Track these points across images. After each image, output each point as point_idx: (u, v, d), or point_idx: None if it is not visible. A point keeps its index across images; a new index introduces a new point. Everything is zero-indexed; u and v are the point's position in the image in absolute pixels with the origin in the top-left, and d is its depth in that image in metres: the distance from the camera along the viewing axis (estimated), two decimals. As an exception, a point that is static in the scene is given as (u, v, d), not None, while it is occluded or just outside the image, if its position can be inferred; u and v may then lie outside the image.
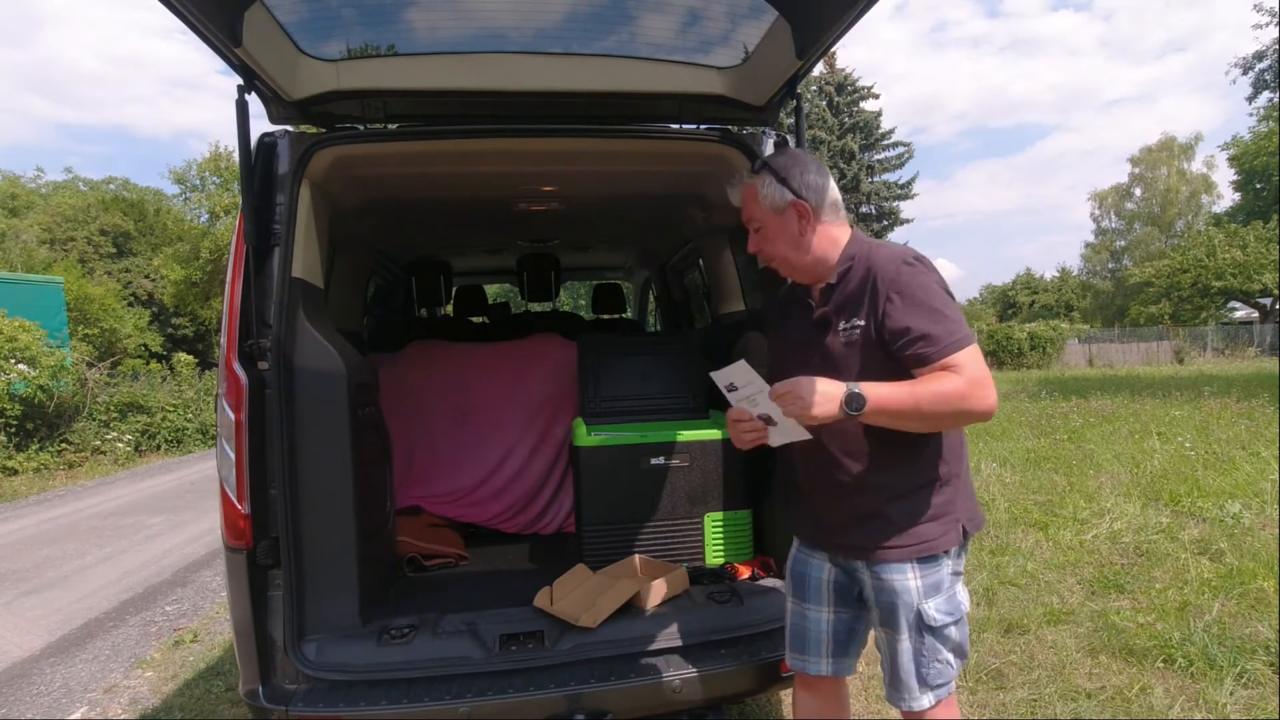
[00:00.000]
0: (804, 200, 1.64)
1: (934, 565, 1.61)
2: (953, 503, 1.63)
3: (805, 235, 1.66)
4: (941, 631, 1.63)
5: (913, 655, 1.64)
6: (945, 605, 1.62)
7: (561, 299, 11.63)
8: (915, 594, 1.61)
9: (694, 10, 2.12)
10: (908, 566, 1.61)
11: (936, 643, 1.63)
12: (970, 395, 1.46)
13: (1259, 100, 25.84)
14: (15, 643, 4.06)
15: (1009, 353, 28.24)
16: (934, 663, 1.63)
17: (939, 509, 1.61)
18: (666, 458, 2.60)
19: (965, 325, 1.53)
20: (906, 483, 1.61)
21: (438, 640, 2.07)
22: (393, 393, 3.23)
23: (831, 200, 1.68)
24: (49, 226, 30.87)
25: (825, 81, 34.14)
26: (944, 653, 1.64)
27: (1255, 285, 31.17)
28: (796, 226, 1.66)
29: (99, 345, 21.79)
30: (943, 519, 1.61)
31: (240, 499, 1.93)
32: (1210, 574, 3.85)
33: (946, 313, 1.52)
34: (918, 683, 1.64)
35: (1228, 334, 31.53)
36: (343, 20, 2.09)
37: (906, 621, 1.62)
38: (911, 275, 1.56)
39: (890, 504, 1.61)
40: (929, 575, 1.61)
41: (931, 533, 1.60)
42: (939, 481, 1.61)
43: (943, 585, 1.62)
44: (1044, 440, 8.43)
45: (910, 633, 1.63)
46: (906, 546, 1.60)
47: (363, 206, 2.85)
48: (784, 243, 1.68)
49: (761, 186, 1.68)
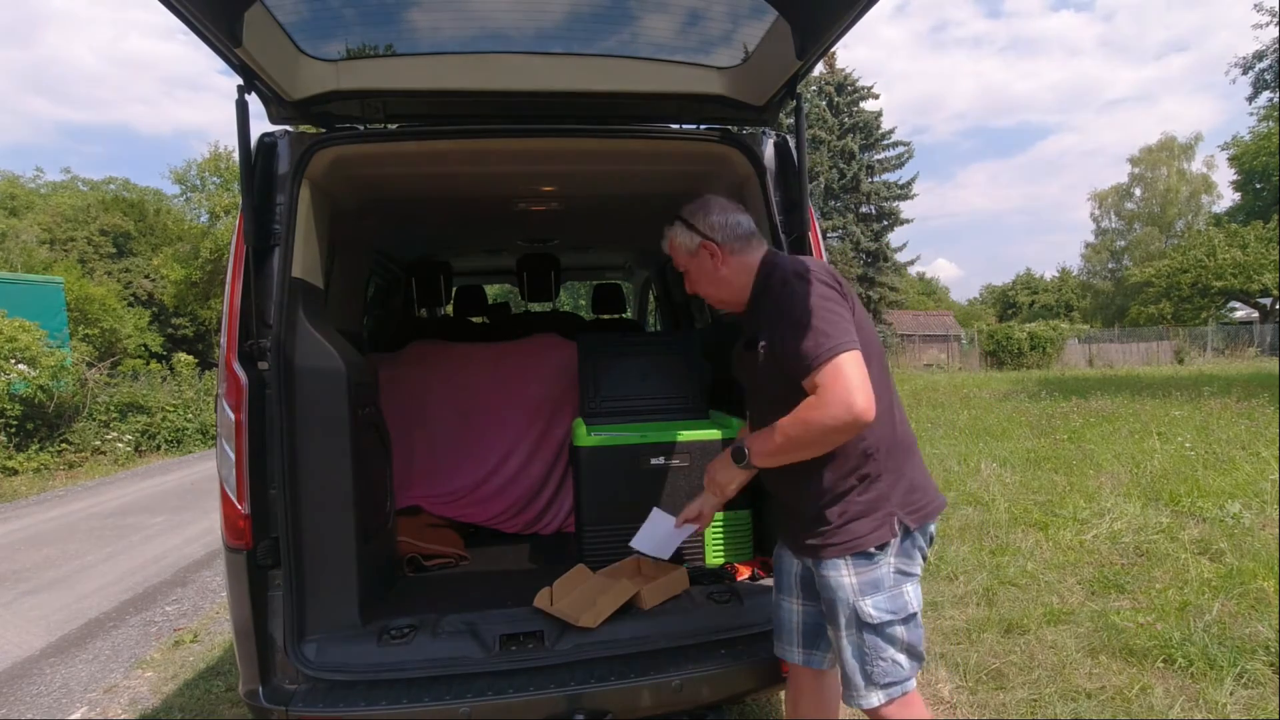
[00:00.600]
0: (710, 239, 1.79)
1: (869, 562, 1.65)
2: (885, 498, 1.66)
3: (719, 270, 1.80)
4: (884, 630, 1.65)
5: (854, 652, 1.67)
6: (887, 603, 1.65)
7: (561, 299, 11.64)
8: (850, 590, 1.65)
9: (694, 10, 2.12)
10: (841, 563, 1.66)
11: (879, 640, 1.65)
12: (829, 418, 1.50)
13: (1259, 100, 25.86)
14: (15, 643, 4.06)
15: (1009, 353, 28.26)
16: (878, 660, 1.66)
17: (869, 505, 1.65)
18: (666, 458, 2.60)
19: (836, 335, 1.53)
20: (831, 484, 1.66)
21: (438, 640, 2.06)
22: (393, 393, 3.23)
23: (739, 233, 1.81)
24: (49, 226, 30.87)
25: (825, 81, 34.12)
26: (889, 651, 1.65)
27: (1255, 285, 31.18)
28: (710, 264, 1.80)
29: (99, 345, 21.77)
30: (873, 515, 1.65)
31: (240, 499, 1.93)
32: (1210, 574, 3.85)
33: (817, 325, 1.55)
34: (863, 680, 1.67)
35: (1228, 334, 31.53)
36: (343, 20, 2.09)
37: (846, 618, 1.67)
38: (789, 290, 1.63)
39: (826, 506, 1.67)
40: (864, 572, 1.65)
41: (861, 529, 1.64)
42: (869, 479, 1.66)
43: (882, 583, 1.65)
44: (1044, 440, 8.43)
45: (851, 630, 1.67)
46: (838, 544, 1.66)
47: (363, 206, 2.85)
48: (705, 281, 1.84)
49: (675, 235, 1.85)
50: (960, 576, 4.11)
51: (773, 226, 2.35)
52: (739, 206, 1.87)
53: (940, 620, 3.58)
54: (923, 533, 1.71)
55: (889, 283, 34.75)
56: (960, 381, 19.82)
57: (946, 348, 32.97)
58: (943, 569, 4.23)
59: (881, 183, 34.50)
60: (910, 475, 1.71)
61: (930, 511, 1.71)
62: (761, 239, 1.86)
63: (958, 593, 3.89)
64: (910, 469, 1.71)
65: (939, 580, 4.12)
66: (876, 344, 1.73)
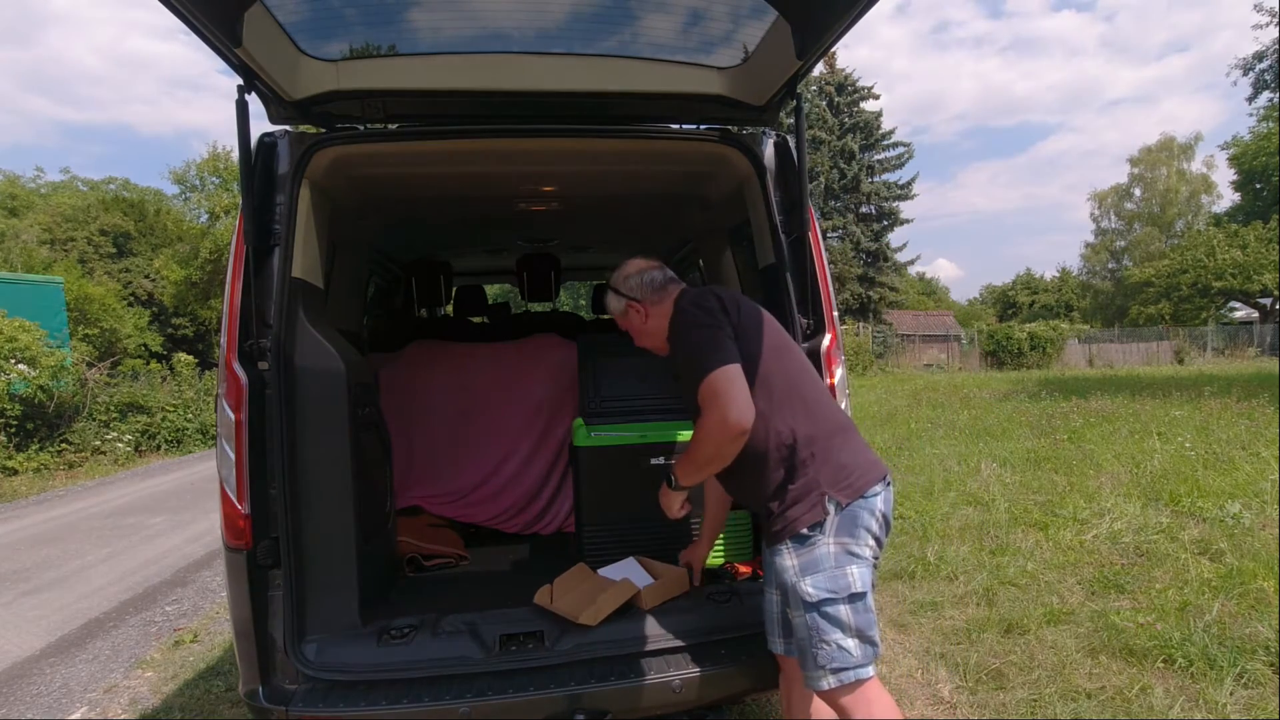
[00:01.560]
0: (633, 299, 2.02)
1: (806, 544, 1.74)
2: (815, 481, 1.75)
3: (646, 324, 2.02)
4: (823, 609, 1.70)
5: (806, 633, 1.73)
6: (826, 582, 1.71)
7: (561, 299, 11.63)
8: (792, 572, 1.75)
9: (694, 10, 2.12)
10: (783, 547, 1.78)
11: (822, 621, 1.70)
12: (711, 433, 1.68)
13: (1259, 100, 25.85)
14: (15, 643, 4.06)
15: (1009, 353, 28.26)
16: (822, 644, 1.71)
17: (801, 491, 1.76)
18: (666, 458, 2.60)
19: (705, 356, 1.70)
20: (768, 480, 1.80)
21: (438, 640, 2.07)
22: (393, 393, 3.23)
23: (654, 286, 2.01)
24: (49, 226, 30.85)
25: (825, 81, 34.11)
26: (835, 634, 1.70)
27: (1255, 285, 31.19)
28: (639, 320, 2.02)
29: (99, 345, 21.77)
30: (806, 499, 1.75)
31: (240, 499, 1.93)
32: (1210, 574, 3.84)
33: (691, 352, 1.75)
34: (812, 663, 1.73)
35: (1228, 334, 31.53)
36: (343, 20, 2.09)
37: (793, 600, 1.77)
38: (675, 322, 1.88)
39: (768, 500, 1.81)
40: (803, 554, 1.74)
41: (796, 513, 1.75)
42: (795, 468, 1.77)
43: (822, 563, 1.72)
44: (1044, 440, 8.42)
45: (797, 611, 1.76)
46: (780, 529, 1.78)
47: (363, 206, 2.85)
48: (641, 335, 2.05)
49: (609, 303, 2.09)
50: (960, 576, 4.11)
51: (773, 227, 2.35)
52: (655, 263, 2.07)
53: (940, 620, 3.58)
54: (869, 511, 1.75)
55: (889, 283, 34.75)
56: (960, 381, 19.81)
57: (946, 348, 32.97)
58: (943, 569, 4.23)
59: (881, 183, 34.50)
60: (838, 456, 1.78)
61: (862, 486, 1.76)
62: (678, 282, 2.04)
63: (958, 593, 3.89)
64: (839, 450, 1.79)
65: (939, 580, 4.12)
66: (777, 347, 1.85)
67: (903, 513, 5.54)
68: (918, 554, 4.49)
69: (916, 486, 6.30)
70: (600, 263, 5.49)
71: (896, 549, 4.67)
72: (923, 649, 3.31)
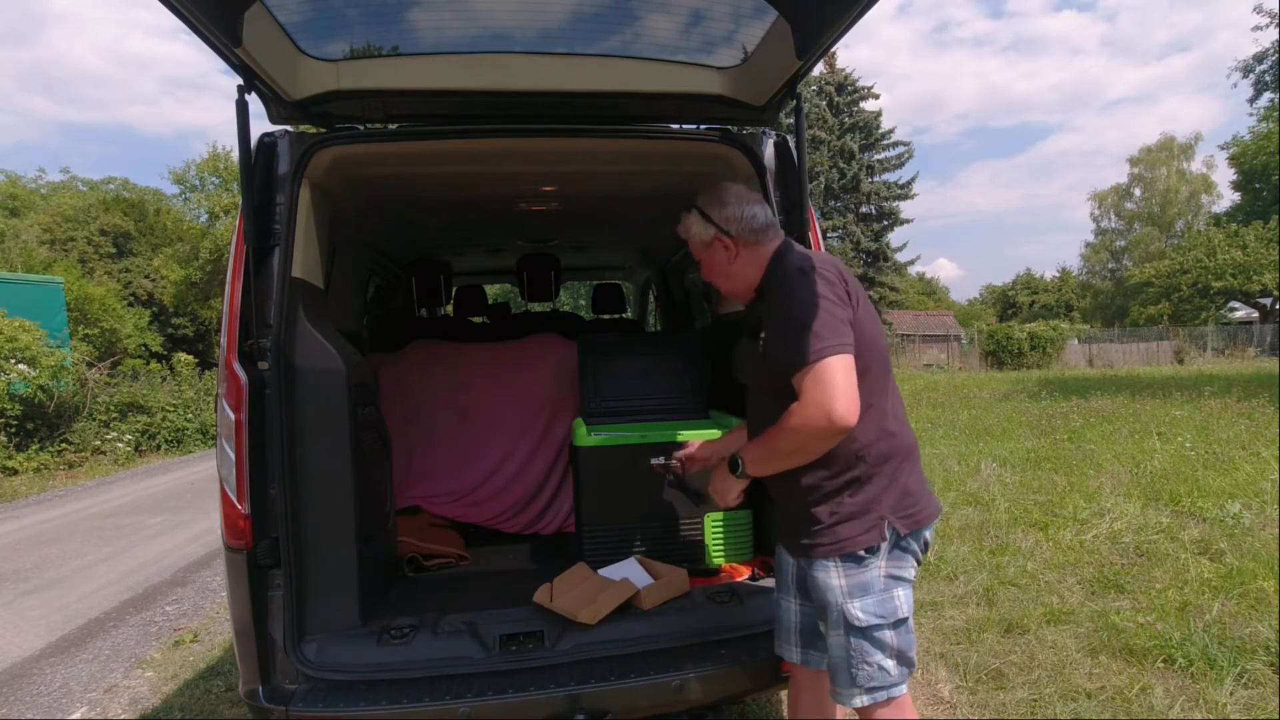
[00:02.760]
0: (724, 233, 1.77)
1: (858, 565, 1.64)
2: (876, 501, 1.64)
3: (731, 265, 1.79)
4: (871, 634, 1.63)
5: (843, 653, 1.66)
6: (875, 607, 1.63)
7: (561, 299, 11.62)
8: (839, 593, 1.64)
9: (694, 10, 2.12)
10: (830, 565, 1.65)
11: (867, 644, 1.64)
12: (807, 426, 1.50)
13: (1260, 101, 25.87)
14: (15, 643, 4.06)
15: (1009, 353, 28.25)
16: (863, 665, 1.64)
17: (860, 508, 1.64)
18: (666, 458, 2.60)
19: (826, 337, 1.50)
20: (822, 485, 1.65)
21: (438, 640, 2.06)
22: (393, 393, 3.23)
23: (754, 226, 1.77)
24: (49, 226, 30.85)
25: (825, 81, 34.12)
26: (877, 655, 1.64)
27: (1255, 285, 31.18)
28: (723, 258, 1.79)
29: (99, 345, 21.76)
30: (863, 517, 1.63)
31: (240, 499, 1.93)
32: (1210, 574, 3.84)
33: (809, 325, 1.52)
34: (848, 681, 1.67)
35: (1228, 334, 31.53)
36: (343, 20, 2.09)
37: (834, 619, 1.66)
38: (788, 287, 1.61)
39: (815, 505, 1.67)
40: (853, 575, 1.64)
41: (851, 531, 1.63)
42: (858, 481, 1.64)
43: (871, 586, 1.64)
44: (1044, 440, 8.43)
45: (839, 631, 1.66)
46: (827, 545, 1.65)
47: (363, 206, 2.85)
48: (717, 273, 1.83)
49: (691, 225, 1.83)
50: (960, 576, 4.11)
51: None
52: (757, 196, 1.83)
53: (940, 620, 3.58)
54: (916, 538, 1.69)
55: (889, 283, 34.76)
56: (960, 381, 19.81)
57: (946, 348, 32.97)
58: (943, 569, 4.23)
59: (881, 183, 34.50)
60: (905, 481, 1.68)
61: (923, 519, 1.69)
62: (778, 230, 1.82)
63: (958, 593, 3.89)
64: (905, 475, 1.68)
65: (939, 580, 4.12)
66: (879, 344, 1.71)
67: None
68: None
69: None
70: (600, 263, 5.49)
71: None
72: (923, 649, 3.31)
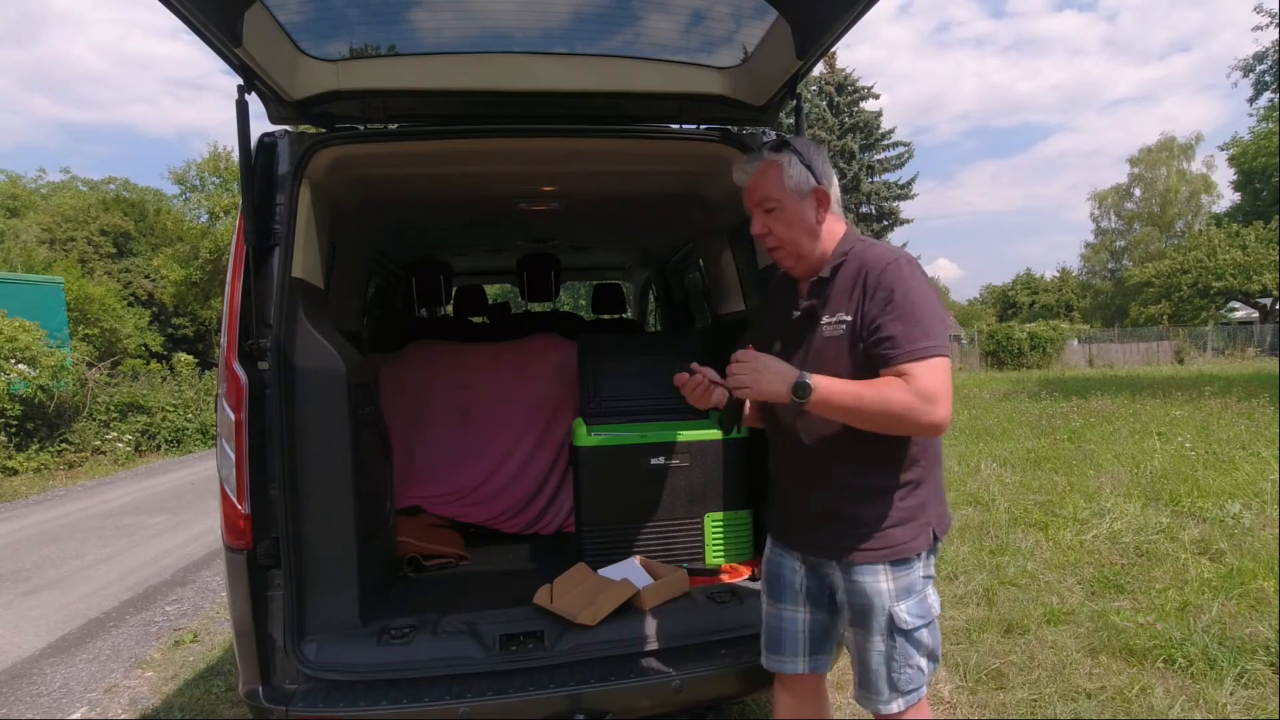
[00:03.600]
0: (823, 188, 1.65)
1: (906, 568, 1.61)
2: (924, 506, 1.62)
3: (821, 224, 1.65)
4: (913, 635, 1.63)
5: (884, 659, 1.63)
6: (917, 608, 1.63)
7: (561, 299, 11.63)
8: (887, 596, 1.60)
9: (694, 10, 2.12)
10: (880, 569, 1.60)
11: (909, 646, 1.63)
12: (914, 409, 1.44)
13: (1260, 101, 25.87)
14: (15, 643, 4.06)
15: (1009, 353, 28.24)
16: (905, 668, 1.63)
17: (910, 512, 1.61)
18: (667, 458, 2.60)
19: (938, 336, 1.49)
20: (879, 484, 1.61)
21: (438, 640, 2.07)
22: (393, 393, 3.23)
23: (837, 194, 1.70)
24: (49, 226, 30.87)
25: (825, 81, 34.12)
26: (916, 657, 1.63)
27: (1255, 285, 31.18)
28: (814, 214, 1.65)
29: (99, 345, 21.77)
30: (914, 522, 1.61)
31: (240, 499, 1.93)
32: (1210, 574, 3.84)
33: (920, 319, 1.49)
34: (888, 686, 1.64)
35: (1228, 334, 31.53)
36: (343, 20, 2.09)
37: (878, 624, 1.62)
38: (898, 275, 1.54)
39: (863, 505, 1.61)
40: (901, 578, 1.61)
41: (903, 536, 1.60)
42: (911, 484, 1.61)
43: (915, 588, 1.63)
44: (1044, 440, 8.43)
45: (882, 636, 1.62)
46: (879, 549, 1.59)
47: (363, 206, 2.85)
48: (800, 228, 1.64)
49: (787, 166, 1.64)
50: (960, 576, 4.11)
51: None
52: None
53: (940, 620, 3.58)
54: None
55: (889, 283, 34.73)
56: (960, 381, 19.81)
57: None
58: (943, 569, 4.23)
59: (882, 183, 34.51)
60: (941, 488, 1.69)
61: (949, 522, 1.71)
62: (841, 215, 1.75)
63: (958, 593, 3.89)
64: (940, 481, 1.69)
65: (939, 580, 4.11)
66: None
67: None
68: (918, 554, 4.48)
69: (916, 486, 6.29)
70: (600, 263, 5.49)
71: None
72: (923, 649, 3.31)
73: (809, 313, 1.66)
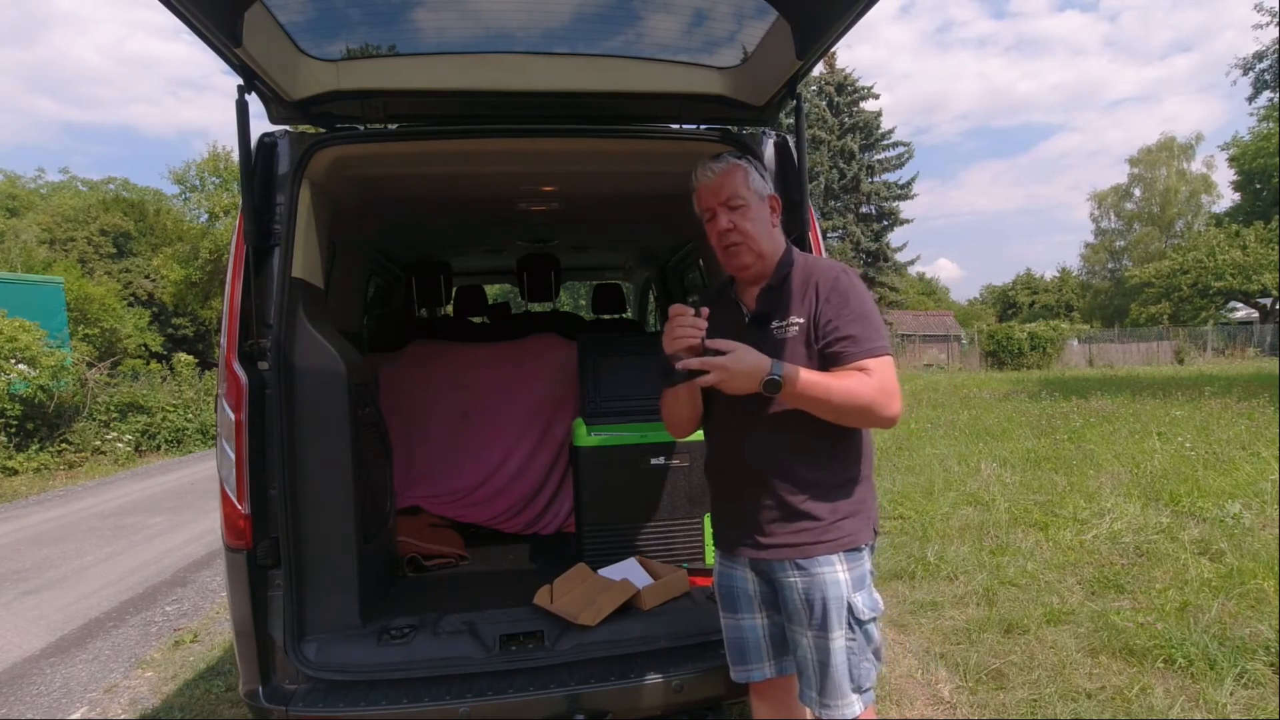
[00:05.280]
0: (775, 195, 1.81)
1: (857, 558, 1.70)
2: (866, 501, 1.73)
3: (775, 228, 1.80)
4: (867, 627, 1.69)
5: (846, 653, 1.67)
6: (869, 600, 1.70)
7: (561, 299, 11.62)
8: (845, 586, 1.67)
9: (694, 10, 2.12)
10: (835, 559, 1.67)
11: (863, 640, 1.69)
12: (876, 400, 1.58)
13: (1259, 100, 25.86)
14: (15, 643, 4.06)
15: (1009, 353, 28.25)
16: (863, 661, 1.69)
17: (856, 506, 1.71)
18: (666, 458, 2.60)
19: (885, 338, 1.67)
20: (832, 479, 1.70)
21: (438, 640, 2.07)
22: (393, 393, 3.23)
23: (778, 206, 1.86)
24: (49, 226, 30.87)
25: (825, 81, 34.12)
26: (869, 650, 1.70)
27: (1255, 286, 31.20)
28: (770, 217, 1.79)
29: (99, 345, 21.77)
30: (860, 515, 1.71)
31: (240, 499, 1.93)
32: (1210, 574, 3.84)
33: (873, 322, 1.66)
34: (850, 683, 1.67)
35: (1228, 334, 31.53)
36: (343, 20, 2.09)
37: (839, 616, 1.66)
38: (850, 283, 1.71)
39: (817, 501, 1.68)
40: (855, 568, 1.69)
41: (852, 527, 1.69)
42: (858, 480, 1.72)
43: (865, 580, 1.70)
44: (1044, 440, 8.43)
45: (843, 630, 1.66)
46: (833, 540, 1.67)
47: (363, 206, 2.85)
48: (762, 232, 1.76)
49: (751, 171, 1.78)
50: (960, 576, 4.11)
51: None
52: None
53: (940, 620, 3.58)
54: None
55: (889, 283, 34.76)
56: (960, 381, 19.81)
57: (947, 348, 32.97)
58: (943, 569, 4.23)
59: (881, 183, 34.52)
60: (874, 483, 1.79)
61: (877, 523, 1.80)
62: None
63: (958, 593, 3.89)
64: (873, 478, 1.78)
65: (939, 580, 4.12)
66: None
67: (902, 513, 5.55)
68: (918, 554, 4.48)
69: (916, 486, 6.30)
70: (600, 263, 5.49)
71: (896, 549, 4.67)
72: (923, 649, 3.31)
73: (759, 317, 1.76)
